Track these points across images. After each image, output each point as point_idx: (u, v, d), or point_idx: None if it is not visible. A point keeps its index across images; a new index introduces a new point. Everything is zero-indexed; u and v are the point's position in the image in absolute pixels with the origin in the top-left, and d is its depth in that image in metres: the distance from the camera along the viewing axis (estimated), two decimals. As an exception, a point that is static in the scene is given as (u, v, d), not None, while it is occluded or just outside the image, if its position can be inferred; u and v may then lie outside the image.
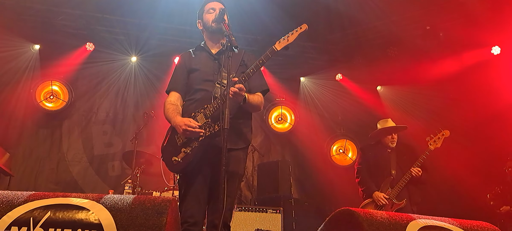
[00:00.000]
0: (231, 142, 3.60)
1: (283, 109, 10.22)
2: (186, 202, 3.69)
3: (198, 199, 3.69)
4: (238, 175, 3.77)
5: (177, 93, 4.03)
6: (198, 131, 3.61)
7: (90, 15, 8.63)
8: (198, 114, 3.74)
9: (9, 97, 8.67)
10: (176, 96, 4.01)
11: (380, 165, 6.42)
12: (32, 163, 8.88)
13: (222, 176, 3.26)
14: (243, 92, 3.57)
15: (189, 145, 3.72)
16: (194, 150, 3.69)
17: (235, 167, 3.73)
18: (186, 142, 3.74)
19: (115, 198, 2.57)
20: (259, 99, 3.89)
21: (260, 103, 3.90)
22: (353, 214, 2.67)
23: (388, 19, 8.55)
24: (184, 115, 3.82)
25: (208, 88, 3.82)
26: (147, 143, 9.13)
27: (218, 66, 3.89)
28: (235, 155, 3.75)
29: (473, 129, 8.40)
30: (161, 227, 2.43)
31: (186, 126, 3.62)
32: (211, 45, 4.16)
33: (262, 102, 3.96)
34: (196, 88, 3.91)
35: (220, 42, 3.97)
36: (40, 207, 2.46)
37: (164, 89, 4.15)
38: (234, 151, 3.74)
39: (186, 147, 3.73)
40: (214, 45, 4.13)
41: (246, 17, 8.12)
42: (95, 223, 2.41)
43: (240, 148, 3.81)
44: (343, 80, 10.16)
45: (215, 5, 4.10)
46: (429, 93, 9.22)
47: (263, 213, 6.98)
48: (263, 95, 4.01)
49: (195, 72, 4.00)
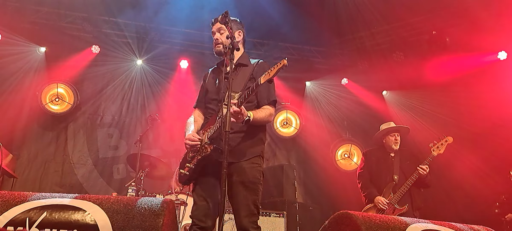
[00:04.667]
0: (234, 157, 3.78)
1: (288, 114, 10.18)
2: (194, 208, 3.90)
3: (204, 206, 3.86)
4: (244, 184, 3.84)
5: (198, 110, 4.36)
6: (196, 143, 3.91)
7: (96, 18, 8.67)
8: (204, 133, 3.98)
9: (15, 100, 8.67)
10: (197, 113, 4.35)
11: (382, 170, 6.38)
12: (37, 165, 8.89)
13: (223, 178, 3.29)
14: (241, 115, 3.63)
15: (194, 159, 3.98)
16: (197, 164, 3.93)
17: (240, 176, 3.84)
18: (193, 156, 4.00)
19: (111, 199, 2.56)
20: (266, 113, 3.96)
21: (267, 116, 3.98)
22: (351, 217, 2.65)
23: (394, 24, 8.53)
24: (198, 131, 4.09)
25: (214, 107, 4.05)
26: (152, 146, 9.14)
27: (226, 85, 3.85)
28: (238, 166, 3.85)
29: (479, 134, 8.34)
30: (158, 228, 2.43)
31: (187, 140, 3.99)
32: (223, 63, 4.19)
33: (271, 114, 4.04)
34: (207, 106, 4.19)
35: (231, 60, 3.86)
36: (37, 207, 2.46)
37: (169, 92, 4.28)
38: (236, 163, 3.85)
39: (191, 161, 4.00)
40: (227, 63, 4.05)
41: (251, 20, 8.12)
42: (91, 224, 2.41)
43: (245, 159, 3.90)
44: (348, 84, 10.11)
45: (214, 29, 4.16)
46: (435, 98, 9.17)
47: (266, 217, 6.95)
48: (272, 106, 4.07)
49: (207, 90, 4.24)
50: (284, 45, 9.43)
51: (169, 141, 9.44)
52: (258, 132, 4.06)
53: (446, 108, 8.97)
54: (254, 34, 8.84)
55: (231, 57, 3.74)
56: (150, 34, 9.02)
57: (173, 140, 9.43)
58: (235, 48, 3.74)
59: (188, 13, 8.13)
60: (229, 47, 3.75)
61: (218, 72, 4.25)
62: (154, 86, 9.74)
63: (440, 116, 8.96)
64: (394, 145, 6.42)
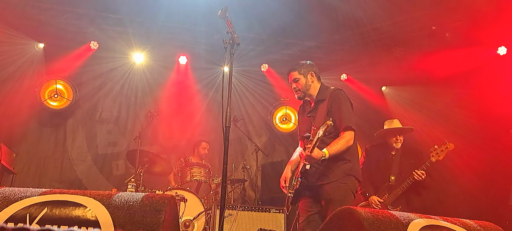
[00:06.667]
0: (320, 178, 4.33)
1: (287, 110, 10.20)
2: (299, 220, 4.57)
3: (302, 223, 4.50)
4: (334, 202, 4.18)
5: (301, 141, 4.88)
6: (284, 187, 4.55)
7: (94, 14, 8.63)
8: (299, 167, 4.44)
9: (14, 96, 8.63)
10: (300, 144, 4.91)
11: (381, 168, 6.39)
12: (36, 162, 8.89)
13: (223, 175, 3.28)
14: (312, 159, 4.09)
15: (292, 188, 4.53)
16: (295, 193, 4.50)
17: (328, 196, 4.27)
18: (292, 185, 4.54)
19: (112, 195, 2.55)
20: (342, 143, 4.25)
21: (344, 145, 4.26)
22: (354, 213, 2.64)
23: (393, 19, 8.50)
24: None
25: (305, 143, 4.50)
26: (151, 142, 9.13)
27: (311, 122, 4.53)
28: (325, 188, 4.31)
29: (479, 129, 8.33)
30: (159, 224, 2.41)
31: (281, 179, 4.62)
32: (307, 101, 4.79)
33: (348, 140, 4.30)
34: (303, 139, 4.69)
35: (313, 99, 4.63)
36: (37, 203, 2.45)
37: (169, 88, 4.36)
38: (325, 185, 4.31)
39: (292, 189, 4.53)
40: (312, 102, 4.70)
41: (251, 17, 8.10)
42: (92, 220, 2.39)
43: (328, 182, 4.30)
44: (348, 80, 10.09)
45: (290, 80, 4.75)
46: (434, 94, 9.15)
47: (266, 212, 6.95)
48: (348, 130, 4.32)
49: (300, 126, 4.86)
50: (284, 40, 9.40)
51: (168, 137, 9.43)
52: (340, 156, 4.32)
53: (445, 103, 8.96)
54: (253, 30, 8.81)
55: (231, 52, 3.78)
56: (149, 29, 8.98)
57: (172, 136, 9.43)
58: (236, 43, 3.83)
59: (188, 9, 8.09)
60: (305, 93, 4.59)
61: (302, 111, 4.83)
62: (153, 82, 9.73)
63: (440, 111, 8.95)
64: (396, 144, 6.42)
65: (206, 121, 9.74)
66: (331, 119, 3.96)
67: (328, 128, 3.89)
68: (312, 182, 4.34)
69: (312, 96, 4.61)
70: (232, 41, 3.80)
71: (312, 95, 4.61)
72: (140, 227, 2.38)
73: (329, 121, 3.88)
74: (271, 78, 9.95)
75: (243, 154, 9.90)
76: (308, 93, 4.61)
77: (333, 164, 4.28)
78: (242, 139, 9.88)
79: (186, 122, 9.54)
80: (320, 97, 4.53)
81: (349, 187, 4.32)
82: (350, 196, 4.31)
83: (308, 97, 4.66)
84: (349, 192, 4.31)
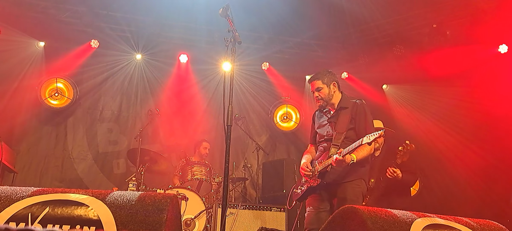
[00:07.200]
0: (337, 177, 4.45)
1: (288, 108, 10.19)
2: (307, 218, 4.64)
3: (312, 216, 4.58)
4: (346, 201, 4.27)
5: (312, 146, 5.04)
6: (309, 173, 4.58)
7: (95, 12, 8.60)
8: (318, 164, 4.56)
9: (14, 95, 8.63)
10: (311, 148, 5.02)
11: None
12: (37, 160, 8.88)
13: (226, 168, 3.27)
14: (344, 163, 4.22)
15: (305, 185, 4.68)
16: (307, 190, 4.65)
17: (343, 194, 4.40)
18: (305, 181, 4.68)
19: (114, 194, 2.53)
20: (368, 149, 4.43)
21: (367, 153, 4.45)
22: (357, 211, 2.63)
23: (394, 17, 8.49)
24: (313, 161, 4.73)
25: (326, 145, 4.67)
26: (152, 141, 9.12)
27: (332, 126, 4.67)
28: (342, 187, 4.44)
29: (480, 127, 8.33)
30: (161, 223, 2.39)
31: (302, 168, 4.66)
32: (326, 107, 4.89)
33: (371, 148, 4.48)
34: (319, 142, 4.84)
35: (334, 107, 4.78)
36: (39, 202, 2.43)
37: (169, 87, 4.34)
38: (342, 184, 4.44)
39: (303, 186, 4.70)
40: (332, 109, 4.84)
41: (251, 14, 8.08)
42: (94, 219, 2.38)
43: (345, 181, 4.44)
44: (348, 78, 10.09)
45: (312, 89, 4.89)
46: (435, 92, 9.15)
47: (267, 211, 6.94)
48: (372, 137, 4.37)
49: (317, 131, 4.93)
50: (284, 38, 9.38)
51: (169, 136, 9.42)
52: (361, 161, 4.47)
53: (446, 101, 8.95)
54: (254, 28, 8.79)
55: (233, 50, 3.78)
56: (150, 28, 8.96)
57: (173, 135, 9.41)
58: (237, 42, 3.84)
59: (188, 7, 8.08)
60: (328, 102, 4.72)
61: (319, 116, 4.95)
62: (153, 81, 9.72)
63: (441, 109, 8.94)
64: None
65: (207, 119, 9.73)
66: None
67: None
68: (328, 180, 4.46)
69: (334, 105, 4.76)
70: (233, 40, 3.79)
71: (334, 104, 4.76)
72: (143, 226, 2.37)
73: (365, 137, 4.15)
74: (272, 76, 9.93)
75: (244, 152, 9.89)
76: (330, 103, 4.75)
77: (352, 166, 4.38)
78: (243, 137, 9.87)
79: (187, 120, 9.52)
80: (343, 105, 4.69)
81: (361, 190, 4.48)
82: (361, 198, 4.48)
83: (329, 106, 4.80)
84: (361, 194, 4.47)
